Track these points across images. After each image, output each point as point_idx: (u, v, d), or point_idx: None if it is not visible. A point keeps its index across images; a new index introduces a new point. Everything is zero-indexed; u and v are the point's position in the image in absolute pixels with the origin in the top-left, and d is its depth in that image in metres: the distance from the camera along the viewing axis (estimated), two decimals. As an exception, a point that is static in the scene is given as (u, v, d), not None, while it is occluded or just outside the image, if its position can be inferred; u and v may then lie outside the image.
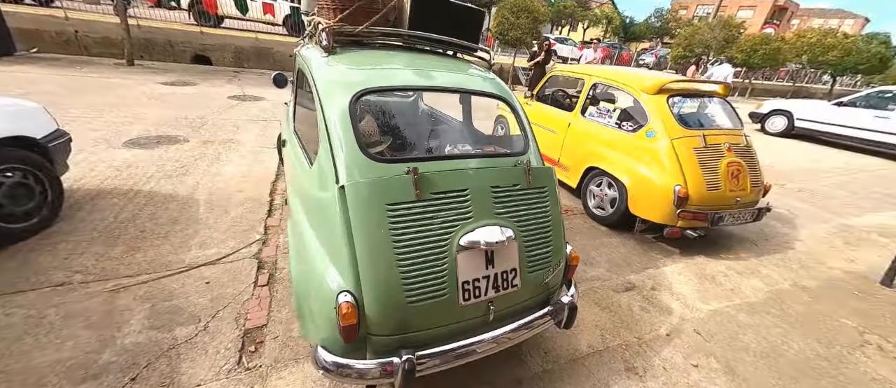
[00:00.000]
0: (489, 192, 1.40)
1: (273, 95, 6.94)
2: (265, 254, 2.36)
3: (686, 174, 2.62)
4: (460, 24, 1.92)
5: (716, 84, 3.20)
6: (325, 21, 1.66)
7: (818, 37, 15.56)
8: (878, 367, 1.95)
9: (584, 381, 1.70)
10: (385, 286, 1.20)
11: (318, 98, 1.45)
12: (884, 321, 2.32)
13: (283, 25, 11.93)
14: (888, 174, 5.98)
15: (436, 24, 1.82)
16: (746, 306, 2.33)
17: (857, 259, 3.08)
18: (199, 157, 3.73)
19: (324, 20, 1.66)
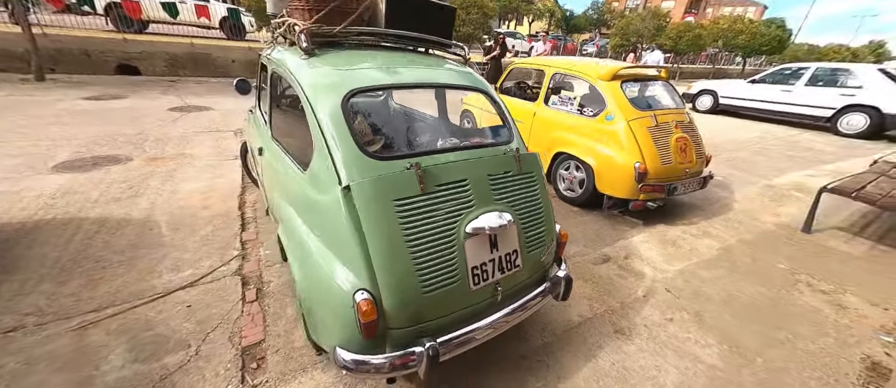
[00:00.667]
0: (486, 180, 1.47)
1: (221, 105, 6.49)
2: (247, 270, 2.25)
3: (643, 152, 2.89)
4: (433, 22, 1.96)
5: (657, 69, 3.54)
6: (301, 22, 1.62)
7: (729, 23, 17.57)
8: (809, 299, 2.32)
9: (581, 346, 1.84)
10: (401, 280, 1.23)
11: (307, 101, 1.42)
12: (808, 262, 2.75)
13: (219, 29, 11.12)
14: (794, 140, 6.96)
15: (411, 22, 1.85)
16: (704, 264, 2.64)
17: (782, 213, 3.60)
18: (148, 175, 3.41)
19: (299, 22, 1.62)
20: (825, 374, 1.77)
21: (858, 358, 1.88)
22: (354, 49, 1.75)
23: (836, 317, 2.17)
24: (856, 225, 3.41)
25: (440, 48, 2.02)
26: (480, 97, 1.86)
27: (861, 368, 1.82)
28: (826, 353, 1.90)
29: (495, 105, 1.85)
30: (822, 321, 2.13)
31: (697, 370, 1.75)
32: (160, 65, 9.20)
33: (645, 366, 1.75)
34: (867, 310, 2.25)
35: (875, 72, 7.22)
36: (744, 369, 1.77)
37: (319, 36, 1.61)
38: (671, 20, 16.98)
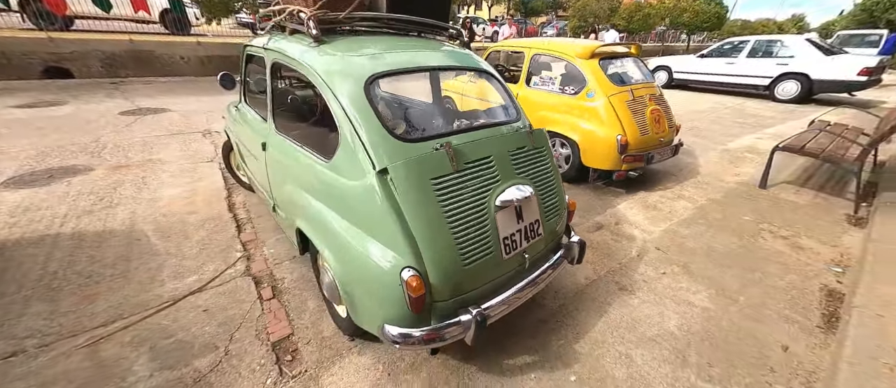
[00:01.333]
0: (507, 156, 1.54)
1: (178, 106, 6.05)
2: (256, 269, 2.20)
3: (624, 125, 3.10)
4: (432, 6, 1.98)
5: (626, 45, 3.76)
6: (307, 9, 1.58)
7: (674, 2, 18.65)
8: (772, 244, 2.65)
9: (591, 304, 2.00)
10: (444, 254, 1.29)
11: (328, 88, 1.42)
12: (767, 213, 3.11)
13: (160, 22, 10.20)
14: (741, 108, 7.64)
15: (411, 6, 1.86)
16: (683, 222, 2.91)
17: (741, 173, 4.00)
18: (116, 185, 3.17)
19: (304, 9, 1.58)
20: (794, 303, 2.06)
21: (818, 288, 2.19)
22: (359, 35, 1.74)
23: (796, 257, 2.51)
24: (800, 179, 3.88)
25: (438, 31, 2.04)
26: (459, 82, 1.91)
27: (821, 295, 2.13)
28: (792, 287, 2.20)
29: (500, 85, 1.92)
30: (786, 261, 2.45)
31: (693, 313, 1.97)
32: (96, 65, 8.34)
33: (649, 315, 1.95)
34: (819, 248, 2.61)
35: (804, 42, 8.05)
36: (730, 307, 2.02)
37: (326, 22, 1.59)
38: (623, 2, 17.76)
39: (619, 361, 1.67)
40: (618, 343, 1.76)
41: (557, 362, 1.65)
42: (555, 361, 1.66)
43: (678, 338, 1.80)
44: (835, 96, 8.33)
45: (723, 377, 1.60)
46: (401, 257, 1.27)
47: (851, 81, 7.43)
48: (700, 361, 1.68)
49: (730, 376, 1.61)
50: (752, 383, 1.58)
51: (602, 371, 1.61)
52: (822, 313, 2.00)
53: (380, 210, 1.29)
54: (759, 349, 1.76)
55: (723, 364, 1.66)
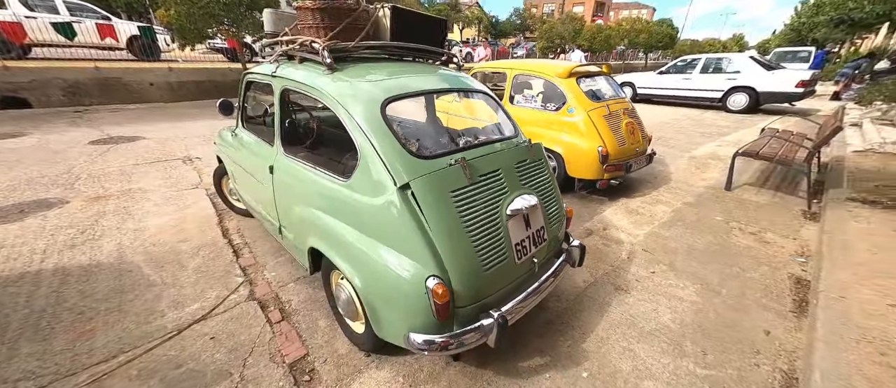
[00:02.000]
0: (513, 168, 1.67)
1: (151, 133, 5.87)
2: (260, 293, 2.17)
3: (603, 137, 3.34)
4: (430, 33, 2.12)
5: (598, 65, 4.08)
6: (317, 40, 1.67)
7: (631, 24, 20.18)
8: (743, 240, 2.90)
9: (592, 305, 2.12)
10: (465, 261, 1.37)
11: (347, 112, 1.50)
12: (735, 213, 3.40)
13: (127, 49, 9.91)
14: (701, 119, 8.30)
15: (412, 34, 1.99)
16: (663, 225, 3.14)
17: (707, 177, 4.35)
18: (97, 216, 3.04)
19: (317, 40, 1.67)
20: (768, 292, 2.27)
21: (786, 277, 2.43)
22: (367, 62, 1.84)
23: (764, 250, 2.76)
24: (759, 180, 4.27)
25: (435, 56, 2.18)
26: (444, 101, 2.02)
27: (789, 283, 2.36)
28: (765, 277, 2.42)
29: (498, 104, 2.07)
30: (756, 255, 2.70)
31: (683, 306, 2.13)
32: (57, 94, 7.96)
33: (645, 311, 2.09)
34: (782, 242, 2.89)
35: (747, 59, 8.93)
36: (714, 299, 2.20)
37: (336, 51, 1.68)
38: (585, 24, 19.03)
39: (623, 355, 1.78)
40: (621, 339, 1.88)
41: (568, 361, 1.74)
42: (565, 360, 1.75)
43: (673, 330, 1.95)
44: (778, 106, 9.22)
45: (717, 363, 1.74)
46: (424, 267, 1.34)
47: (791, 92, 8.29)
48: (695, 350, 1.82)
49: (723, 361, 1.76)
50: (743, 366, 1.73)
51: (610, 366, 1.72)
52: (793, 299, 2.21)
53: (402, 223, 1.36)
54: (744, 334, 1.93)
55: (716, 351, 1.81)
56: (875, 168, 4.32)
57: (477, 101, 2.16)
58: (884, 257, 2.41)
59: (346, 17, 1.72)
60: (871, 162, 4.56)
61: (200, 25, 7.78)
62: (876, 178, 3.97)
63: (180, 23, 7.64)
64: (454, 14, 21.12)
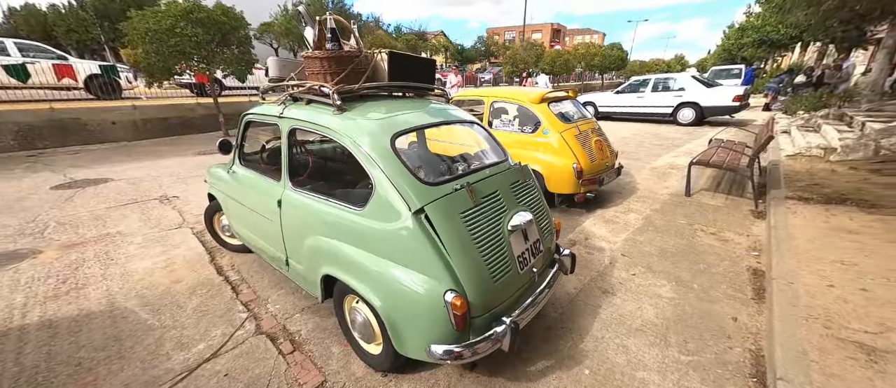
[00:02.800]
0: (509, 189, 1.87)
1: (119, 174, 5.67)
2: (267, 327, 2.19)
3: (576, 155, 3.66)
4: (421, 72, 2.34)
5: (565, 90, 4.49)
6: (326, 85, 1.83)
7: (586, 48, 21.86)
8: (706, 240, 3.25)
9: (585, 308, 2.32)
10: (477, 274, 1.53)
11: (359, 148, 1.65)
12: (696, 216, 3.79)
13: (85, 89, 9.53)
14: (656, 133, 9.07)
15: (406, 74, 2.20)
16: (637, 231, 3.45)
17: (669, 186, 4.81)
18: (77, 264, 2.93)
19: (326, 85, 1.83)
20: (732, 284, 2.58)
21: (745, 269, 2.76)
22: (368, 100, 2.02)
23: (724, 247, 3.11)
24: (712, 185, 4.77)
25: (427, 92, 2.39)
26: (435, 130, 2.21)
27: (748, 275, 2.69)
28: (728, 271, 2.74)
29: (487, 132, 2.30)
30: (718, 252, 3.04)
31: (663, 302, 2.38)
32: (6, 139, 7.50)
33: (631, 309, 2.31)
34: (738, 239, 3.27)
35: (690, 78, 9.97)
36: (689, 293, 2.47)
37: (344, 93, 1.85)
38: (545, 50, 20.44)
39: (618, 351, 1.97)
40: (614, 337, 2.07)
41: (570, 361, 1.91)
42: (568, 361, 1.91)
43: (657, 324, 2.17)
44: (720, 119, 10.27)
45: (697, 350, 1.97)
46: (442, 282, 1.48)
47: (729, 105, 9.30)
48: (678, 339, 2.05)
49: (702, 348, 1.99)
50: (718, 350, 1.97)
51: (608, 362, 1.90)
52: (752, 288, 2.53)
53: (418, 244, 1.51)
54: (716, 322, 2.19)
55: (695, 339, 2.05)
56: (805, 169, 4.96)
57: (467, 129, 2.37)
58: (819, 246, 2.80)
59: (349, 64, 1.90)
60: (801, 164, 5.23)
61: (170, 63, 7.68)
62: (806, 178, 4.56)
63: (148, 61, 7.50)
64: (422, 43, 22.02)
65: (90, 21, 17.31)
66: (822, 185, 4.24)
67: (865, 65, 16.43)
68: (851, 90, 10.20)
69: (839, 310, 2.05)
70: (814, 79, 12.60)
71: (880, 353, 1.73)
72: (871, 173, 4.57)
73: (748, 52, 22.30)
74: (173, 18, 7.30)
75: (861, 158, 5.13)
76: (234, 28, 8.27)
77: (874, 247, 2.72)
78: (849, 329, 1.91)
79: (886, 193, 3.87)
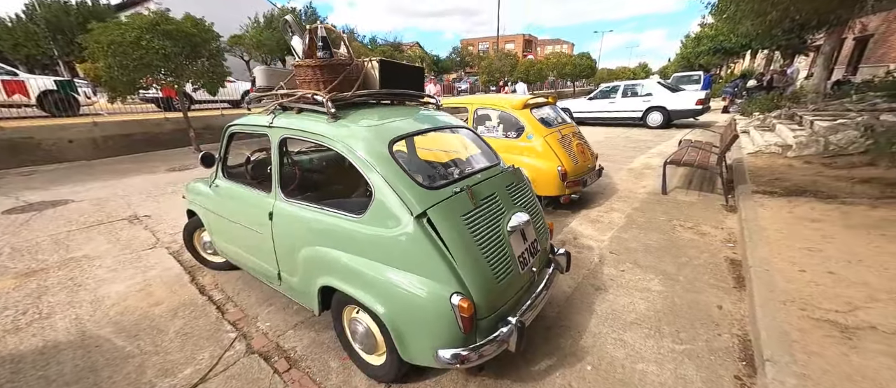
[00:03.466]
0: (505, 191, 1.90)
1: (80, 194, 5.31)
2: (259, 345, 2.10)
3: (560, 158, 3.77)
4: (411, 79, 2.35)
5: (545, 96, 4.64)
6: (319, 93, 1.80)
7: (557, 58, 22.70)
8: (685, 234, 3.41)
9: (580, 306, 2.37)
10: (481, 275, 1.53)
11: (355, 155, 1.63)
12: (674, 212, 3.98)
13: (37, 106, 8.92)
14: (628, 136, 9.49)
15: (396, 81, 2.20)
16: (621, 229, 3.57)
17: (646, 185, 5.02)
18: (38, 293, 2.70)
19: (319, 93, 1.80)
20: (714, 274, 2.71)
21: (723, 259, 2.92)
22: (360, 108, 2.00)
23: (702, 241, 3.28)
24: (685, 183, 5.02)
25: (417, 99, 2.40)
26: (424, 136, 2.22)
27: (727, 264, 2.84)
28: (708, 262, 2.88)
29: (479, 138, 2.33)
30: (697, 245, 3.19)
31: (653, 295, 2.47)
32: (-54, 162, 6.88)
33: (624, 304, 2.38)
34: (714, 232, 3.45)
35: (656, 84, 10.53)
36: (676, 286, 2.57)
37: (337, 100, 1.83)
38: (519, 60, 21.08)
39: (616, 345, 2.02)
40: (611, 332, 2.12)
41: (572, 358, 1.93)
42: (570, 358, 1.94)
43: (650, 317, 2.24)
44: (685, 121, 10.88)
45: (689, 339, 2.05)
46: (447, 285, 1.48)
47: (693, 108, 9.89)
48: (671, 330, 2.12)
49: (693, 336, 2.07)
50: (709, 336, 2.06)
51: (608, 357, 1.94)
52: (732, 276, 2.67)
53: (421, 248, 1.50)
54: (703, 311, 2.29)
55: (686, 329, 2.13)
56: (766, 165, 5.33)
57: (459, 135, 2.40)
58: (787, 235, 3.01)
59: (342, 72, 1.88)
60: (761, 161, 5.61)
61: (135, 76, 7.31)
62: (768, 173, 4.90)
63: (111, 75, 7.12)
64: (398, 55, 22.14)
65: (41, 35, 16.25)
66: (782, 179, 4.56)
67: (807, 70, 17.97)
68: (798, 92, 11.10)
69: (812, 293, 2.20)
70: (764, 83, 13.64)
71: (852, 330, 1.87)
72: (823, 167, 4.97)
73: (705, 60, 23.85)
74: (139, 30, 7.00)
75: (813, 154, 5.58)
76: (205, 40, 8.03)
77: (834, 233, 2.94)
78: (822, 310, 2.05)
79: (837, 184, 4.21)
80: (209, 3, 15.87)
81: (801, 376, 1.60)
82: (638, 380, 1.77)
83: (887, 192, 3.77)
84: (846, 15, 8.25)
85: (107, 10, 19.56)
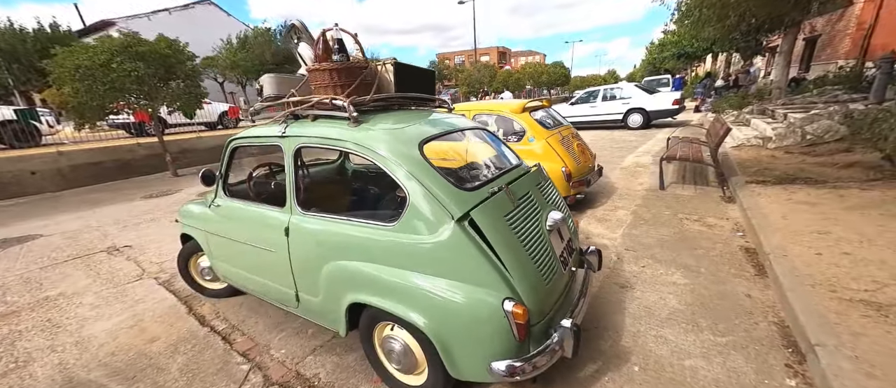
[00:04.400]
0: (537, 189, 1.83)
1: (49, 227, 4.90)
2: (277, 376, 1.91)
3: (564, 159, 3.76)
4: (424, 83, 2.28)
5: (540, 100, 4.67)
6: (340, 97, 1.70)
7: (534, 68, 23.35)
8: (694, 227, 3.44)
9: (610, 306, 2.30)
10: (531, 277, 1.44)
11: (385, 160, 1.52)
12: (677, 206, 4.02)
13: (-8, 138, 8.30)
14: (612, 137, 9.72)
15: (411, 85, 2.12)
16: (631, 226, 3.57)
17: (642, 182, 5.10)
18: (11, 339, 2.40)
19: (339, 97, 1.69)
20: (732, 264, 2.71)
21: (737, 248, 2.94)
22: (379, 112, 1.90)
23: (711, 232, 3.31)
24: (678, 178, 5.13)
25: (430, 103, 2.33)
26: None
27: (742, 253, 2.86)
28: (724, 252, 2.90)
29: (496, 140, 2.27)
30: (708, 237, 3.21)
31: (680, 289, 2.43)
32: None
33: (654, 300, 2.33)
34: (721, 223, 3.50)
35: (634, 87, 10.93)
36: (699, 278, 2.55)
37: (359, 105, 1.72)
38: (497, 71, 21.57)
39: (658, 343, 1.95)
40: (649, 330, 2.06)
41: (617, 360, 1.85)
42: (614, 360, 1.85)
43: (683, 311, 2.20)
44: (662, 121, 11.29)
45: (728, 330, 2.01)
46: (498, 291, 1.37)
47: (670, 109, 10.29)
48: (708, 323, 2.08)
49: (732, 327, 2.03)
50: (747, 326, 2.03)
51: (652, 355, 1.86)
52: (751, 265, 2.68)
53: (466, 253, 1.39)
54: (733, 301, 2.26)
55: (722, 320, 2.09)
56: (751, 157, 5.53)
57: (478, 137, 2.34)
58: (792, 221, 3.07)
59: (359, 75, 1.78)
60: (746, 154, 5.83)
61: (106, 101, 6.92)
62: (755, 164, 5.08)
63: (79, 101, 6.70)
64: (376, 70, 22.25)
65: (-6, 64, 15.32)
66: (770, 168, 4.73)
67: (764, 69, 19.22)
68: (762, 90, 11.78)
69: (835, 274, 2.22)
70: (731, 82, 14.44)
71: (886, 307, 1.88)
72: (804, 155, 5.21)
73: (670, 64, 25.10)
74: (108, 53, 6.66)
75: (792, 144, 5.85)
76: (180, 61, 7.74)
77: (836, 216, 3.03)
78: (851, 290, 2.06)
79: (823, 170, 4.40)
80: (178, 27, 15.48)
81: (854, 358, 1.58)
82: (690, 377, 1.70)
83: (871, 174, 3.96)
84: (799, 17, 8.92)
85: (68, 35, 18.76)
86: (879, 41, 10.65)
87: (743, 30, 11.27)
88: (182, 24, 22.81)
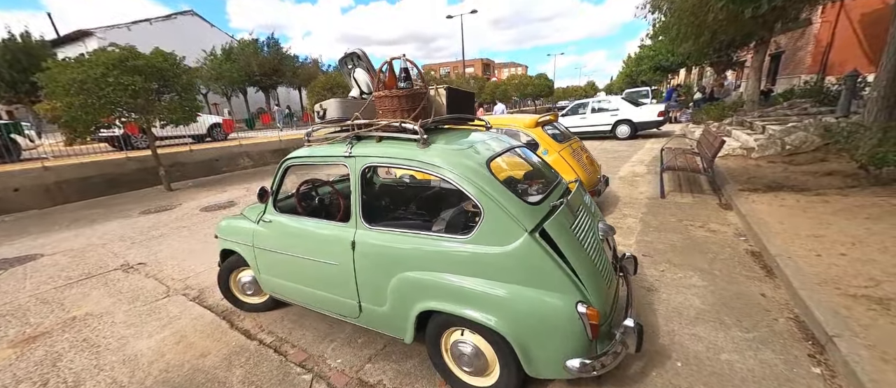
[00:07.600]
0: (584, 202, 2.01)
1: (52, 246, 4.76)
2: (341, 383, 1.98)
3: (576, 169, 3.99)
4: (467, 105, 2.45)
5: (548, 114, 4.93)
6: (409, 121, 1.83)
7: (519, 80, 24.05)
8: (700, 232, 3.71)
9: (641, 306, 2.47)
10: (596, 282, 1.60)
11: (459, 177, 1.66)
12: (680, 213, 4.30)
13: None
14: (605, 148, 10.14)
15: (458, 107, 2.28)
16: (642, 233, 3.81)
17: (643, 191, 5.40)
18: (52, 360, 2.37)
19: (409, 121, 1.83)
20: (742, 266, 2.96)
21: (744, 252, 3.20)
22: (437, 133, 2.04)
23: (716, 237, 3.58)
24: (675, 187, 5.46)
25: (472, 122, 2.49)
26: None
27: (750, 256, 3.12)
28: (732, 254, 3.15)
29: (537, 156, 2.45)
30: (715, 241, 3.48)
31: (700, 290, 2.65)
32: None
33: (680, 302, 2.53)
34: (723, 228, 3.78)
35: (621, 100, 11.48)
36: (716, 279, 2.78)
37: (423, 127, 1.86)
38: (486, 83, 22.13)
39: (693, 340, 2.14)
40: (682, 329, 2.24)
41: (659, 358, 2.02)
42: (657, 358, 2.02)
43: (708, 311, 2.41)
44: (648, 131, 11.86)
45: (752, 326, 2.22)
46: (571, 295, 1.52)
47: (655, 120, 10.86)
48: (732, 321, 2.29)
49: (755, 324, 2.24)
50: (768, 322, 2.24)
51: (690, 352, 2.05)
52: (760, 267, 2.93)
53: (541, 262, 1.54)
54: (751, 300, 2.49)
55: (745, 318, 2.31)
56: (737, 167, 5.95)
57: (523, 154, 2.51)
58: (788, 224, 3.37)
59: (421, 100, 1.93)
60: (732, 163, 6.25)
61: (100, 115, 6.76)
62: (742, 173, 5.47)
63: (72, 115, 6.53)
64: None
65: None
66: (758, 177, 5.12)
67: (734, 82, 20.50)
68: (737, 102, 12.58)
69: (837, 273, 2.49)
70: (707, 95, 15.32)
71: (887, 301, 2.14)
72: (786, 164, 5.66)
73: (646, 77, 26.33)
74: (104, 67, 6.54)
75: (773, 154, 6.32)
76: (176, 74, 7.66)
77: (828, 220, 3.35)
78: (853, 287, 2.32)
79: (805, 178, 4.81)
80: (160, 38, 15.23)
81: (869, 346, 1.80)
82: (728, 370, 1.89)
83: (848, 182, 4.36)
84: (766, 35, 9.73)
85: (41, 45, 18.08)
86: (837, 58, 11.63)
87: (715, 46, 12.22)
88: (164, 34, 22.35)
